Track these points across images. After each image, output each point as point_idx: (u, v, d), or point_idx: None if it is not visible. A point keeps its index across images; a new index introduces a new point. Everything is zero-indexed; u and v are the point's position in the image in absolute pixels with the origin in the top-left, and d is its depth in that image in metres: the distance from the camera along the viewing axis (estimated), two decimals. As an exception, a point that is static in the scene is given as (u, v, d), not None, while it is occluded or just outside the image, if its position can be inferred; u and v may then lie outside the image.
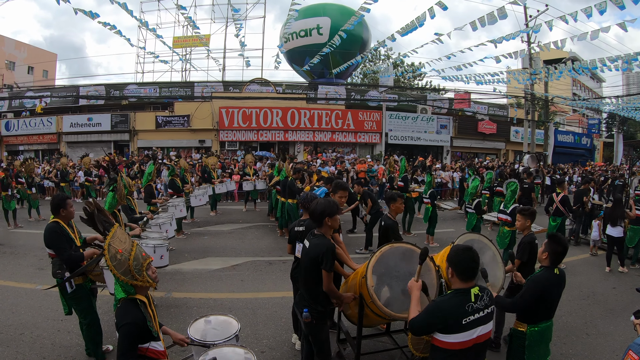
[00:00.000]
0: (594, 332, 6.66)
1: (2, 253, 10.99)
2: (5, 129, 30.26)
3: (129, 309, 3.22)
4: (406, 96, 33.61)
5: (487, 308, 3.21)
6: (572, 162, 31.50)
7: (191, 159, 23.95)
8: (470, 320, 3.11)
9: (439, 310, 3.19)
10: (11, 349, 5.75)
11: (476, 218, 11.35)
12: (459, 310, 3.12)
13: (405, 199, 13.39)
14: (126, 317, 3.15)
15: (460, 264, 3.22)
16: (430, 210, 12.25)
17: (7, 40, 44.22)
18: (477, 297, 3.16)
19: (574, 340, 6.36)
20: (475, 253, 3.27)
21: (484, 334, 3.20)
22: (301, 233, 5.33)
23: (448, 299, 3.24)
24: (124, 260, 3.19)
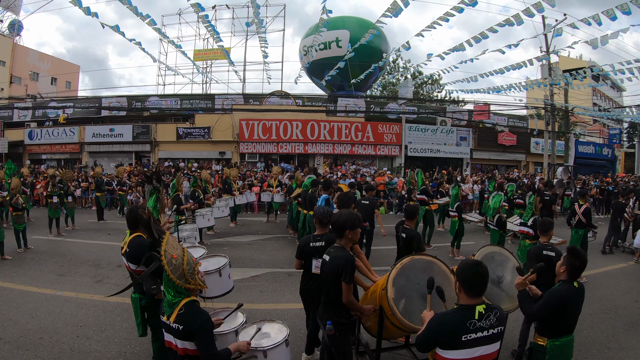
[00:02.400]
0: (615, 346, 6.55)
1: (24, 259, 11.21)
2: (29, 138, 30.73)
3: (198, 308, 3.46)
4: (425, 108, 33.57)
5: (494, 328, 3.12)
6: (593, 173, 31.11)
7: (211, 170, 24.13)
8: (471, 338, 3.05)
9: (437, 324, 3.15)
10: (30, 353, 5.82)
11: (499, 234, 11.17)
12: (459, 326, 3.06)
13: (425, 212, 13.43)
14: (202, 315, 3.40)
15: (467, 279, 3.16)
16: (457, 223, 12.20)
17: (31, 52, 45.03)
18: (481, 316, 3.08)
19: (594, 354, 6.26)
20: (485, 268, 3.19)
21: (487, 354, 3.13)
22: (319, 248, 5.24)
23: (450, 313, 3.20)
24: (178, 265, 3.40)
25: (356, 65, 25.89)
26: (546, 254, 5.61)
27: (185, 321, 3.34)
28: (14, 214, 12.16)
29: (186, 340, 3.39)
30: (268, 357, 4.07)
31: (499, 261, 5.19)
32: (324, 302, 4.58)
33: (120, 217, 18.66)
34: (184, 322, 3.33)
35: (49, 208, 14.41)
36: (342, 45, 30.43)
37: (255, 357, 4.05)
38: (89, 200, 22.19)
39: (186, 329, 3.33)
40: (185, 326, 3.33)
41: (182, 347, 3.43)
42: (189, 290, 3.47)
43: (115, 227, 15.83)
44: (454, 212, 12.45)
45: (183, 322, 3.34)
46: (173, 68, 26.54)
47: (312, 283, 5.41)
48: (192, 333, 3.33)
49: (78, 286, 8.90)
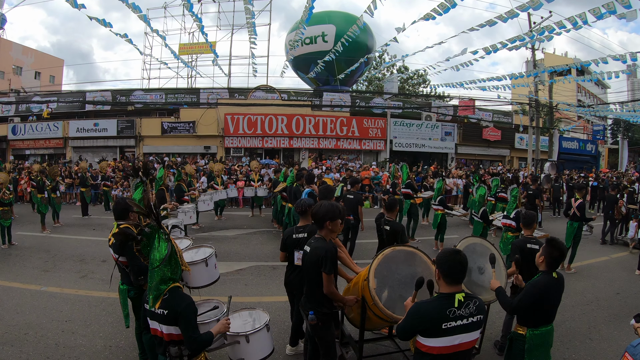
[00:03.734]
0: (597, 337, 6.67)
1: (8, 255, 11.12)
2: (12, 133, 30.36)
3: (182, 293, 3.56)
4: (411, 103, 33.65)
5: (473, 317, 3.17)
6: (577, 168, 31.36)
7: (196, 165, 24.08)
8: (451, 326, 3.10)
9: (417, 313, 3.20)
10: (15, 349, 5.82)
11: (482, 226, 11.27)
12: (438, 314, 3.11)
13: (410, 205, 13.50)
14: (185, 299, 3.48)
15: (445, 266, 3.21)
16: (440, 216, 12.29)
17: (14, 46, 44.64)
18: (461, 304, 3.13)
19: (577, 345, 6.37)
20: (464, 256, 3.24)
21: (466, 342, 3.18)
22: (301, 240, 5.30)
23: (430, 302, 3.24)
24: (178, 250, 3.63)
25: (342, 60, 25.90)
26: (530, 247, 5.65)
27: (170, 306, 3.41)
28: (1, 209, 12.06)
29: (171, 325, 3.44)
30: (250, 341, 4.22)
31: (480, 252, 5.26)
32: (306, 293, 4.63)
33: (105, 212, 18.57)
34: (169, 307, 3.40)
35: (40, 203, 14.37)
36: (328, 40, 30.41)
37: (238, 342, 4.20)
38: (74, 195, 22.07)
39: (171, 314, 3.40)
40: (170, 310, 3.40)
41: (167, 333, 3.48)
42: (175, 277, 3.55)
43: (99, 223, 15.76)
44: (437, 205, 12.56)
45: (168, 306, 3.41)
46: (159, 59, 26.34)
47: (296, 275, 5.48)
48: (177, 317, 3.39)
49: (63, 281, 8.87)
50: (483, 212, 11.31)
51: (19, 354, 5.68)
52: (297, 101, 30.29)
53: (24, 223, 15.41)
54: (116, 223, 5.13)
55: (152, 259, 3.51)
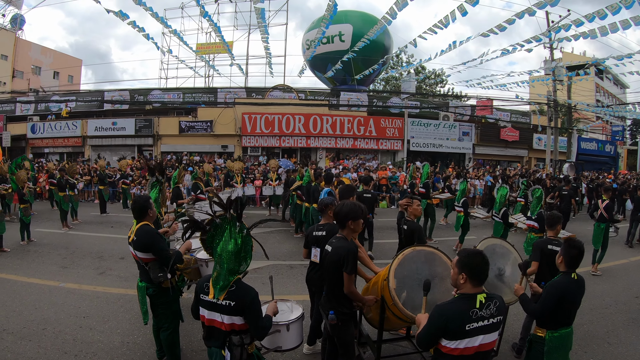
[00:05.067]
0: (615, 341, 6.55)
1: (27, 251, 11.25)
2: (31, 131, 30.78)
3: (246, 285, 3.64)
4: (428, 103, 33.49)
5: (493, 317, 3.14)
6: (595, 169, 31.05)
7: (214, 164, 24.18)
8: (474, 327, 3.07)
9: (441, 316, 3.14)
10: (33, 343, 5.86)
11: (503, 227, 11.13)
12: (462, 316, 3.07)
13: (426, 206, 13.41)
14: (251, 290, 3.59)
15: (474, 268, 3.16)
16: (462, 218, 12.24)
17: (33, 46, 45.12)
18: (482, 305, 3.11)
19: (594, 349, 6.27)
20: (486, 257, 3.23)
21: (487, 342, 3.14)
22: (320, 238, 5.32)
23: (452, 303, 3.21)
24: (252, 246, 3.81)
25: (359, 60, 25.85)
26: (551, 249, 5.58)
27: (237, 297, 3.49)
28: (22, 206, 12.22)
29: (235, 315, 3.51)
30: (290, 330, 4.37)
31: (500, 253, 5.20)
32: (326, 292, 4.61)
33: (123, 210, 18.70)
34: (236, 298, 3.48)
35: (62, 201, 14.51)
36: (345, 40, 30.32)
37: (279, 331, 4.31)
38: (92, 193, 22.26)
39: (238, 305, 3.47)
40: (237, 302, 3.47)
41: (229, 323, 3.52)
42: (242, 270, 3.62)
43: (118, 220, 15.88)
44: (460, 207, 12.48)
45: (235, 298, 3.48)
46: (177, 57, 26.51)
47: (316, 272, 5.48)
48: (244, 308, 3.48)
49: (81, 278, 8.93)
50: (504, 212, 11.19)
51: (37, 349, 5.71)
52: (314, 101, 30.29)
53: (42, 220, 15.57)
54: (135, 221, 5.14)
55: (219, 251, 3.56)
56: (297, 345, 4.61)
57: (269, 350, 4.46)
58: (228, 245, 3.53)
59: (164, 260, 4.92)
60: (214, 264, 3.61)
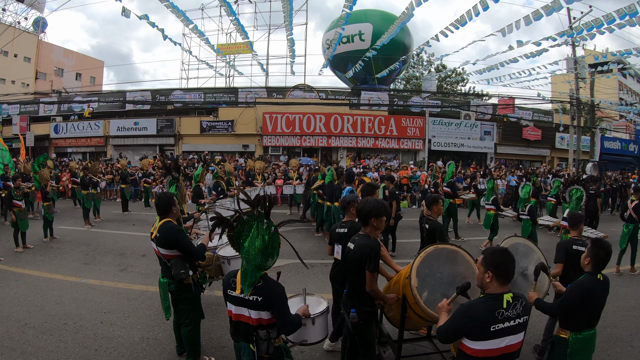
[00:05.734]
0: (639, 345, 6.40)
1: (50, 248, 11.39)
2: (55, 131, 31.27)
3: (273, 281, 3.68)
4: (449, 102, 33.30)
5: (520, 318, 3.05)
6: (619, 169, 30.61)
7: (236, 163, 24.30)
8: (500, 328, 2.98)
9: (466, 315, 3.07)
10: (54, 338, 5.91)
11: (531, 224, 11.05)
12: (488, 316, 2.98)
13: (449, 205, 13.33)
14: (278, 286, 3.61)
15: (501, 266, 3.08)
16: (492, 216, 12.19)
17: (55, 48, 45.86)
18: (509, 305, 3.01)
19: (617, 352, 6.12)
20: (512, 255, 3.15)
21: (513, 344, 3.05)
22: (342, 235, 5.28)
23: (478, 303, 3.11)
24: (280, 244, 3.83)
25: (379, 59, 25.78)
26: (576, 249, 5.47)
27: (264, 292, 3.50)
28: (45, 204, 12.37)
29: (263, 310, 3.52)
30: (315, 324, 4.44)
31: (523, 252, 5.11)
32: (348, 290, 4.55)
33: (145, 208, 18.84)
34: (264, 294, 3.49)
35: (86, 199, 14.68)
36: (365, 39, 30.27)
37: (305, 324, 4.31)
38: (114, 192, 22.49)
39: (265, 300, 3.48)
40: (264, 297, 3.48)
41: (256, 318, 3.54)
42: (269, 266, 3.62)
43: (139, 219, 16.00)
44: (490, 205, 12.43)
45: (262, 293, 3.49)
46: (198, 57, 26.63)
47: (338, 269, 5.43)
48: (271, 303, 3.49)
49: (102, 274, 9.00)
50: (530, 208, 11.18)
51: (58, 343, 5.75)
52: (335, 100, 30.29)
53: (65, 218, 15.76)
54: (159, 217, 5.15)
55: (246, 247, 3.57)
56: (323, 339, 4.66)
57: (294, 344, 4.49)
58: (255, 242, 3.54)
59: (189, 255, 4.95)
60: (240, 260, 3.60)
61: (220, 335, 5.98)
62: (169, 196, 5.25)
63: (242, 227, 3.64)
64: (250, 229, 3.60)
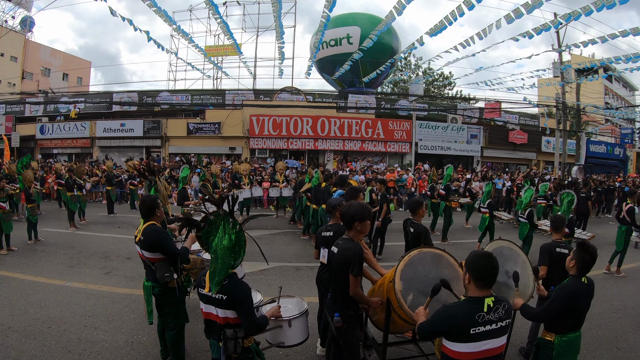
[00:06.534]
0: (624, 346, 6.46)
1: (34, 250, 11.29)
2: (40, 132, 30.98)
3: (239, 280, 3.75)
4: (436, 105, 33.44)
5: (502, 321, 3.07)
6: (604, 172, 30.92)
7: (223, 165, 24.25)
8: (480, 331, 3.00)
9: (446, 317, 3.09)
10: (38, 342, 5.86)
11: (528, 228, 11.26)
12: (468, 319, 3.01)
13: (445, 207, 13.57)
14: (244, 286, 3.69)
15: (478, 270, 3.10)
16: (488, 219, 12.34)
17: (42, 48, 45.49)
18: (490, 309, 3.03)
19: (603, 354, 6.19)
20: (495, 260, 3.16)
21: (494, 347, 3.07)
22: (328, 238, 5.25)
23: (459, 305, 3.13)
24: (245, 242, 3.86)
25: (367, 62, 25.83)
26: (559, 251, 5.54)
27: (229, 291, 3.55)
28: (29, 206, 12.27)
29: (228, 309, 3.59)
30: (292, 326, 4.41)
31: (507, 256, 5.13)
32: (332, 294, 4.57)
33: (130, 211, 18.75)
34: (228, 292, 3.55)
35: (70, 201, 14.56)
36: (353, 42, 30.36)
37: (281, 326, 4.36)
38: (100, 194, 22.35)
39: (230, 299, 3.54)
40: (229, 296, 3.54)
41: (223, 317, 3.63)
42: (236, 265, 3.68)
43: (125, 221, 15.90)
44: (486, 208, 12.61)
45: (227, 292, 3.55)
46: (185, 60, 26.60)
47: (324, 273, 5.45)
48: (235, 302, 3.54)
49: (87, 277, 8.95)
50: (529, 213, 11.39)
51: (42, 347, 5.71)
52: (322, 103, 30.34)
53: (50, 220, 15.65)
54: (142, 220, 5.12)
55: (214, 246, 3.63)
56: (301, 342, 4.60)
57: (271, 346, 4.47)
58: (223, 241, 3.60)
59: (172, 258, 4.92)
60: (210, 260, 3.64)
61: (204, 340, 5.92)
62: (153, 199, 5.23)
63: (210, 227, 3.68)
64: (218, 228, 3.65)
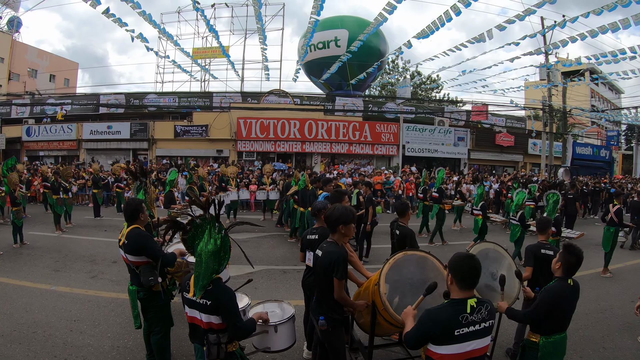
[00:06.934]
0: (611, 346, 6.54)
1: (19, 254, 11.21)
2: (26, 134, 30.66)
3: (224, 285, 3.69)
4: (423, 108, 33.56)
5: (485, 322, 3.10)
6: (591, 174, 31.20)
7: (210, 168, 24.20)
8: (464, 332, 3.03)
9: (430, 320, 3.11)
10: (23, 347, 5.83)
11: (520, 230, 11.44)
12: (451, 321, 3.03)
13: (438, 210, 13.98)
14: (228, 290, 3.63)
15: (459, 271, 3.13)
16: (481, 221, 12.53)
17: (30, 49, 45.10)
18: (473, 309, 3.06)
19: (590, 354, 6.26)
20: (477, 261, 3.17)
21: (478, 348, 3.10)
22: (313, 241, 5.28)
23: (442, 308, 3.15)
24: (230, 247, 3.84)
25: (355, 65, 25.88)
26: (544, 253, 5.60)
27: (213, 296, 3.52)
28: (14, 209, 12.19)
29: (212, 314, 3.55)
30: (278, 331, 4.44)
31: (493, 258, 5.18)
32: (316, 297, 4.58)
33: (117, 214, 18.67)
34: (213, 297, 3.52)
35: (56, 204, 14.45)
36: (341, 45, 30.36)
37: (267, 331, 4.38)
38: (86, 197, 22.22)
39: (214, 304, 3.51)
40: (213, 301, 3.51)
41: (207, 322, 3.59)
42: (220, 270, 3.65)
43: (111, 224, 15.83)
44: (479, 210, 12.79)
45: (211, 297, 3.52)
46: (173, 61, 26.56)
47: (310, 276, 5.46)
48: (220, 308, 3.52)
49: (73, 281, 8.90)
50: (521, 215, 11.58)
51: (27, 352, 5.68)
52: (309, 106, 30.35)
53: (35, 223, 15.54)
54: (126, 224, 5.11)
55: (199, 250, 3.61)
56: (288, 347, 4.63)
57: (257, 351, 4.52)
58: (208, 246, 3.57)
59: (157, 261, 4.87)
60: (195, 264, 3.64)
61: (190, 343, 5.94)
62: (137, 202, 5.23)
63: (196, 231, 3.68)
64: (204, 232, 3.64)
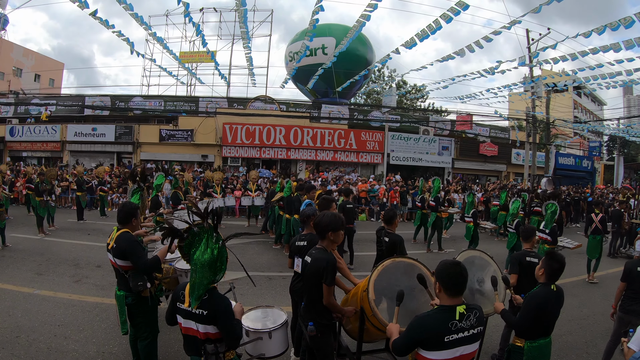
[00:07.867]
0: (594, 351, 6.67)
1: (1, 257, 11.08)
2: (10, 134, 30.28)
3: (220, 294, 3.67)
4: (409, 117, 33.74)
5: (473, 329, 3.16)
6: (573, 184, 31.55)
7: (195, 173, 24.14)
8: (453, 339, 3.08)
9: (420, 326, 3.16)
10: (6, 352, 5.78)
11: (517, 238, 11.49)
12: (441, 327, 3.09)
13: (435, 218, 14.21)
14: (224, 299, 3.62)
15: (446, 279, 3.19)
16: (472, 229, 12.83)
17: (15, 47, 44.73)
18: (462, 316, 3.12)
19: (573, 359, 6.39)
20: (464, 268, 3.22)
21: (466, 353, 3.17)
22: (302, 248, 5.32)
23: (431, 314, 3.22)
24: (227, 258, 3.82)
25: (341, 73, 25.98)
26: (529, 260, 5.72)
27: (210, 306, 3.50)
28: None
29: (209, 324, 3.53)
30: (272, 337, 4.45)
31: (479, 265, 5.27)
32: (305, 303, 4.62)
33: (100, 217, 18.56)
34: (209, 307, 3.49)
35: (39, 206, 14.33)
36: (328, 53, 30.42)
37: (261, 338, 4.40)
38: (69, 199, 22.07)
39: (211, 314, 3.49)
40: (210, 311, 3.49)
41: (204, 332, 3.55)
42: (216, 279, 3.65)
43: (94, 228, 15.73)
44: (470, 218, 13.09)
45: (208, 307, 3.50)
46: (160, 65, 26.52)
47: (298, 282, 5.50)
48: (217, 317, 3.49)
49: (56, 285, 8.84)
50: (517, 223, 11.74)
51: (10, 357, 5.64)
52: (295, 112, 30.38)
53: (18, 225, 15.39)
54: (117, 227, 5.09)
55: (195, 259, 3.57)
56: (282, 353, 4.64)
57: (252, 358, 4.49)
58: (204, 255, 3.54)
59: (140, 268, 4.84)
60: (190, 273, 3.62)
61: (177, 349, 5.95)
62: (133, 207, 5.23)
63: (193, 239, 3.66)
64: (201, 241, 3.62)
